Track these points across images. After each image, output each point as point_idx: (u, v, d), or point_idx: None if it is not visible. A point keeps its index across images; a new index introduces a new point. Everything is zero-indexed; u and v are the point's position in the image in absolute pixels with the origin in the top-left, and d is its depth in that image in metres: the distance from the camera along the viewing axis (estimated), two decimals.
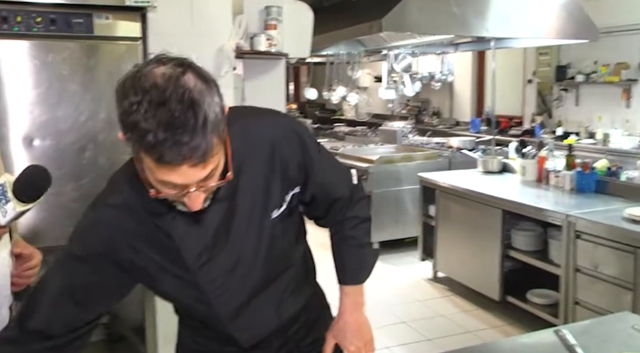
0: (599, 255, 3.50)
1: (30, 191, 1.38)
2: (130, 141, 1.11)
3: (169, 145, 1.07)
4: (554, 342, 1.72)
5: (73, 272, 1.35)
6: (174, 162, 1.09)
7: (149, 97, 1.09)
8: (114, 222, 1.32)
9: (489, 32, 5.16)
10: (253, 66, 3.94)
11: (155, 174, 1.13)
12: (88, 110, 3.14)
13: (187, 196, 1.18)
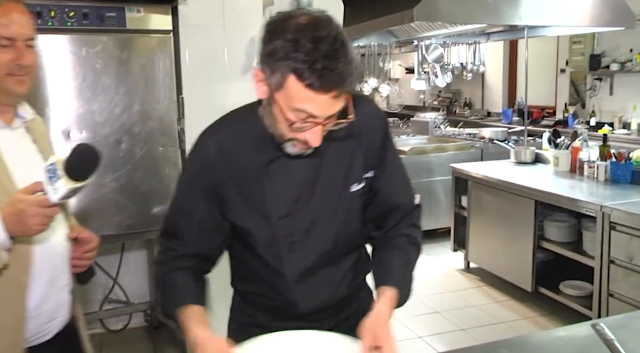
0: (635, 246, 3.44)
1: (80, 168, 1.42)
2: (278, 72, 1.24)
3: (324, 73, 1.20)
4: (591, 335, 1.69)
5: (195, 202, 1.48)
6: (322, 89, 1.22)
7: (307, 33, 1.23)
8: (219, 155, 1.43)
9: (522, 20, 5.08)
10: None
11: (295, 102, 1.25)
12: (122, 102, 3.19)
13: (313, 128, 1.29)
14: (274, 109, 1.31)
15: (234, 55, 3.49)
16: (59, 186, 1.39)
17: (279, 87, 1.26)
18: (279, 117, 1.31)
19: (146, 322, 4.19)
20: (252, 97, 3.89)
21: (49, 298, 1.60)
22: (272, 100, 1.29)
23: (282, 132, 1.34)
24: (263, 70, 1.29)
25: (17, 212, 1.39)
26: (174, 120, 3.31)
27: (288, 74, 1.23)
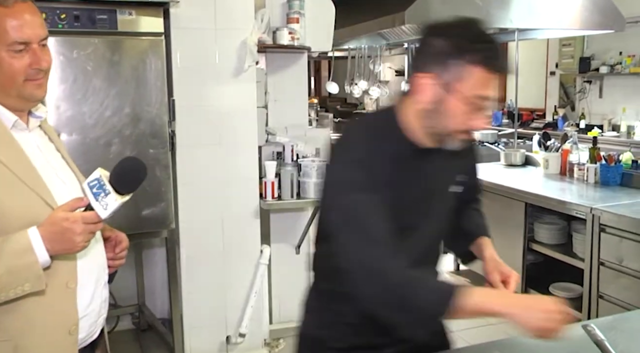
0: (624, 248, 3.47)
1: (128, 183, 1.43)
2: (464, 61, 1.41)
3: (499, 58, 1.44)
4: (582, 336, 1.71)
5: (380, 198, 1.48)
6: (501, 71, 1.45)
7: (472, 29, 1.46)
8: (377, 148, 1.52)
9: (513, 23, 5.11)
10: (275, 60, 3.96)
11: (479, 88, 1.43)
12: (113, 105, 3.19)
13: (482, 113, 1.47)
14: (449, 104, 1.45)
15: (225, 57, 3.49)
16: (110, 201, 1.39)
17: (459, 80, 1.42)
18: (455, 110, 1.45)
19: (134, 324, 4.19)
20: (243, 100, 3.91)
21: (95, 297, 1.59)
22: (444, 96, 1.45)
23: (452, 126, 1.48)
24: (433, 72, 1.44)
25: (61, 231, 1.38)
26: (165, 123, 3.31)
27: (473, 64, 1.41)
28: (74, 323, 1.53)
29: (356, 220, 1.46)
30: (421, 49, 1.50)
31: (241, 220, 3.65)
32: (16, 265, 1.37)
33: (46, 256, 1.40)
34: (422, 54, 1.49)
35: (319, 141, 4.06)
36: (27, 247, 1.38)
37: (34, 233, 1.39)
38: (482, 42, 1.43)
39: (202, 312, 3.64)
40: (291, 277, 4.16)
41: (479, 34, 1.45)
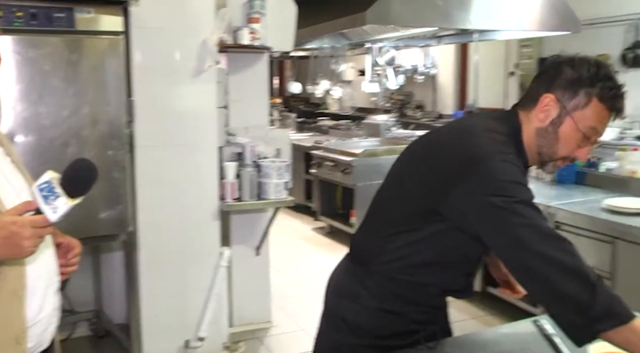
0: (578, 245, 3.47)
1: (80, 185, 1.38)
2: (588, 93, 1.58)
3: (619, 99, 1.59)
4: (533, 332, 1.76)
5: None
6: (617, 111, 1.60)
7: (602, 69, 1.60)
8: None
9: (472, 24, 5.18)
10: (236, 60, 3.94)
11: (595, 121, 1.59)
12: (71, 105, 3.14)
13: (589, 146, 1.62)
14: (564, 127, 1.61)
15: (185, 57, 3.47)
16: (59, 204, 1.35)
17: (581, 109, 1.59)
18: (567, 134, 1.61)
19: (91, 330, 4.12)
20: (203, 100, 3.88)
21: (45, 305, 1.55)
22: (562, 120, 1.60)
23: (557, 151, 1.63)
24: (558, 95, 1.60)
25: (8, 235, 1.32)
26: (123, 123, 3.27)
27: (593, 97, 1.58)
28: (22, 332, 1.48)
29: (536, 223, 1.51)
30: (552, 72, 1.64)
31: (201, 222, 3.63)
32: None
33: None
34: (552, 77, 1.63)
35: (280, 142, 4.06)
36: None
37: None
38: (612, 83, 1.59)
39: (160, 316, 3.59)
40: (251, 279, 4.16)
41: (611, 76, 1.61)
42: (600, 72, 1.60)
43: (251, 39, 3.70)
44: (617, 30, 6.86)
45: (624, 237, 3.30)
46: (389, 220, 1.76)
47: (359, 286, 1.77)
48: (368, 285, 1.76)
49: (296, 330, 4.26)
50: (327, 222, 7.00)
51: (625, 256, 3.30)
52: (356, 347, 1.76)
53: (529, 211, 1.48)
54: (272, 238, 4.25)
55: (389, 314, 1.75)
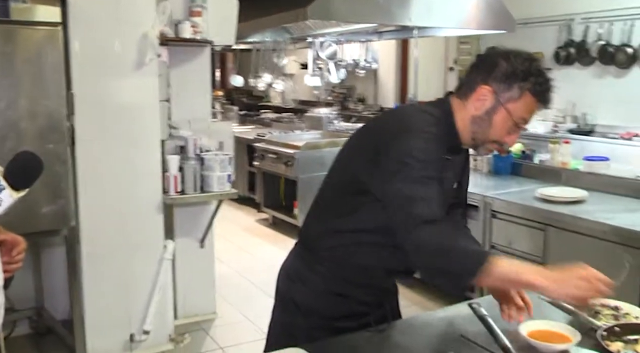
0: (513, 232, 3.70)
1: (24, 177, 1.38)
2: (521, 87, 1.69)
3: (548, 92, 1.72)
4: (469, 314, 1.84)
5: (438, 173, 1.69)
6: (547, 102, 1.75)
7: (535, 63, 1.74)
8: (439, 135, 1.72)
9: (412, 21, 5.28)
10: (178, 53, 3.93)
11: (525, 112, 1.73)
12: (6, 98, 3.08)
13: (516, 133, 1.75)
14: (496, 117, 1.73)
15: (126, 50, 3.44)
16: (4, 197, 1.35)
17: (515, 100, 1.71)
18: (499, 124, 1.73)
19: (32, 329, 4.03)
20: (145, 93, 3.84)
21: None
22: (497, 110, 1.72)
23: (493, 136, 1.76)
24: (494, 87, 1.71)
25: None
26: (63, 117, 3.22)
27: (526, 91, 1.70)
28: None
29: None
30: (489, 64, 1.74)
31: (144, 215, 3.61)
32: None
33: None
34: (489, 69, 1.73)
35: (222, 135, 4.07)
36: None
37: None
38: (543, 78, 1.72)
39: (104, 310, 3.56)
40: (196, 272, 4.17)
41: (542, 70, 1.74)
42: (532, 67, 1.72)
43: (193, 33, 3.70)
44: (550, 30, 7.12)
45: (555, 223, 3.46)
46: (330, 206, 1.86)
47: (309, 270, 1.86)
48: (317, 270, 1.84)
49: (241, 320, 4.29)
50: (270, 214, 7.04)
51: (556, 242, 3.46)
52: (307, 328, 1.84)
53: (427, 185, 1.61)
54: (216, 231, 4.27)
55: (338, 296, 1.84)
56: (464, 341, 1.71)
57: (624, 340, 1.65)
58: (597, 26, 6.50)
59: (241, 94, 11.04)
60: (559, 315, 1.84)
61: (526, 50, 1.78)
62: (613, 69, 6.44)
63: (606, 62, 6.46)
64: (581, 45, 6.71)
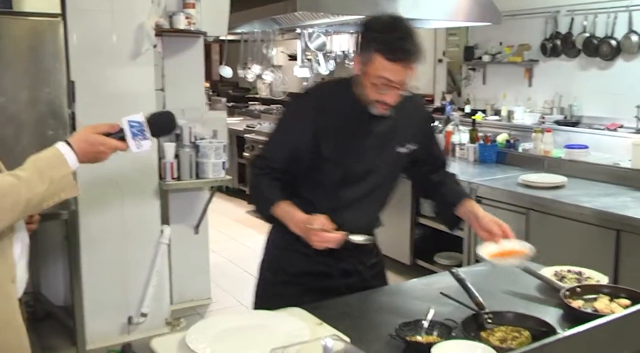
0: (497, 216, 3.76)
1: (159, 131, 1.71)
2: (369, 50, 1.82)
3: (401, 49, 1.80)
4: (449, 279, 2.00)
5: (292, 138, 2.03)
6: (396, 61, 1.80)
7: (387, 25, 1.85)
8: (319, 105, 2.01)
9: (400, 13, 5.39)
10: (172, 44, 4.04)
11: (379, 71, 1.83)
12: (10, 85, 3.17)
13: (389, 92, 1.86)
14: (364, 79, 1.88)
15: (122, 40, 3.54)
16: (145, 144, 1.67)
17: (369, 62, 1.84)
18: (367, 84, 1.88)
19: (28, 314, 4.11)
20: (141, 82, 3.94)
21: (23, 255, 1.69)
22: (363, 72, 1.87)
23: (369, 96, 1.90)
24: (359, 52, 1.89)
25: (96, 152, 1.63)
26: (64, 104, 3.33)
27: (374, 52, 1.82)
28: (14, 273, 1.64)
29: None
30: (360, 32, 1.93)
31: (141, 201, 3.72)
32: (55, 176, 1.55)
33: (76, 165, 1.61)
34: (360, 36, 1.92)
35: (216, 123, 4.18)
36: (62, 160, 1.58)
37: (65, 149, 1.59)
38: (389, 36, 1.82)
39: (103, 294, 3.68)
40: (191, 257, 4.28)
41: (386, 28, 1.84)
42: (376, 29, 1.86)
43: (187, 24, 3.81)
44: (537, 22, 7.27)
45: (536, 208, 3.61)
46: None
47: (273, 231, 2.17)
48: (277, 228, 2.10)
49: (235, 305, 4.41)
50: None
51: (537, 224, 3.61)
52: (275, 283, 2.14)
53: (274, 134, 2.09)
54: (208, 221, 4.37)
55: (294, 253, 2.06)
56: (443, 298, 1.91)
57: (584, 299, 1.86)
58: (582, 18, 6.66)
59: (227, 86, 11.08)
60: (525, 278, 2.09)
61: (392, 13, 1.94)
62: (598, 61, 6.60)
63: (591, 54, 6.62)
64: (567, 37, 6.87)
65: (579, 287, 1.91)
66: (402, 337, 1.61)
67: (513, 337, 1.62)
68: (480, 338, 1.61)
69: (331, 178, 2.03)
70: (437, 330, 1.65)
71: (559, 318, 1.79)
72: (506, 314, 1.73)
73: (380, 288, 2.12)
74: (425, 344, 1.56)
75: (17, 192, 1.48)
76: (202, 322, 1.74)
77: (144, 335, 3.76)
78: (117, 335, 3.74)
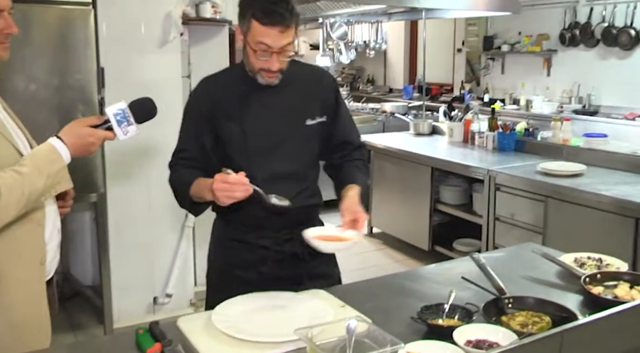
0: (515, 204, 3.90)
1: (144, 117, 1.76)
2: (246, 17, 1.84)
3: (271, 13, 1.81)
4: (470, 264, 2.05)
5: (193, 123, 2.07)
6: (270, 24, 1.81)
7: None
8: (205, 93, 2.05)
9: (420, 3, 5.44)
10: (198, 32, 4.11)
11: (257, 36, 1.84)
12: (43, 71, 3.27)
13: (270, 58, 1.86)
14: (247, 49, 1.90)
15: (150, 28, 3.63)
16: (131, 130, 1.72)
17: (247, 30, 1.86)
18: (250, 53, 1.89)
19: (58, 293, 4.25)
20: (168, 70, 4.03)
21: (53, 238, 1.79)
22: (245, 41, 1.89)
23: (253, 65, 1.91)
24: (239, 22, 1.90)
25: (86, 144, 1.69)
26: (94, 90, 3.43)
27: (250, 19, 1.83)
28: (44, 255, 1.75)
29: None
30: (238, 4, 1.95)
31: (167, 185, 3.78)
32: (52, 170, 1.63)
33: (69, 160, 1.67)
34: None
35: None
36: (57, 155, 1.65)
37: (58, 143, 1.66)
38: (261, 1, 1.83)
39: (129, 274, 3.79)
40: None
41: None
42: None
43: (213, 13, 3.89)
44: (556, 12, 7.28)
45: (555, 195, 3.66)
46: None
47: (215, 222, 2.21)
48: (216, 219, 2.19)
49: None
50: None
51: (555, 212, 3.66)
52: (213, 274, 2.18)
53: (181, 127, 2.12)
54: None
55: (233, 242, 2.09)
56: (463, 283, 1.95)
57: (604, 285, 1.88)
58: (601, 8, 6.67)
59: None
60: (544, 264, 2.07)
61: None
62: (617, 51, 6.61)
63: (610, 44, 6.63)
64: (586, 27, 6.88)
65: (599, 274, 1.93)
66: (424, 320, 1.63)
67: (534, 322, 1.63)
68: (501, 323, 1.63)
69: (238, 157, 2.00)
70: (458, 314, 1.68)
71: (579, 304, 1.81)
72: (527, 299, 1.75)
73: (402, 272, 2.13)
74: (447, 327, 1.59)
75: (20, 187, 1.56)
76: (228, 302, 1.76)
77: (169, 316, 3.87)
78: (143, 315, 3.85)
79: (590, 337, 1.43)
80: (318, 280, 2.05)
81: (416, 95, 8.88)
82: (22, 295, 1.70)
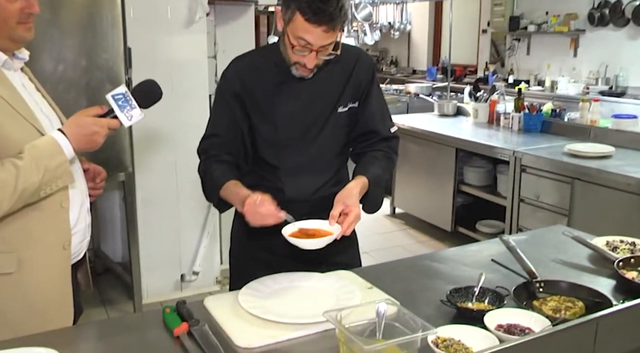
0: (541, 186, 3.88)
1: (147, 99, 1.70)
2: (290, 9, 1.72)
3: (318, 12, 1.67)
4: (499, 246, 2.04)
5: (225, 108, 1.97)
6: (316, 23, 1.68)
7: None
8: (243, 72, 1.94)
9: None
10: (224, 12, 4.12)
11: (298, 31, 1.72)
12: (72, 51, 3.31)
13: (308, 54, 1.76)
14: (285, 38, 1.79)
15: (177, 8, 3.65)
16: (135, 114, 1.65)
17: (289, 21, 1.74)
18: (287, 44, 1.79)
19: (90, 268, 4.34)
20: (194, 50, 4.06)
21: (80, 220, 1.79)
22: (285, 31, 1.78)
23: (289, 57, 1.82)
24: (281, 9, 1.78)
25: (90, 134, 1.61)
26: (121, 70, 3.45)
27: (295, 11, 1.71)
28: (68, 239, 1.73)
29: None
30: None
31: (193, 164, 3.79)
32: (51, 165, 1.58)
33: (72, 153, 1.62)
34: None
35: None
36: (57, 149, 1.59)
37: (60, 137, 1.60)
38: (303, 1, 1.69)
39: (157, 252, 3.86)
40: None
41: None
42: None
43: None
44: None
45: (582, 177, 3.63)
46: None
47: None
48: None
49: None
50: None
51: (582, 194, 3.63)
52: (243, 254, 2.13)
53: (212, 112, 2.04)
54: None
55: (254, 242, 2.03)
56: (492, 265, 1.93)
57: (638, 270, 1.82)
58: None
59: None
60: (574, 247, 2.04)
61: None
62: None
63: None
64: (616, 6, 6.75)
65: (632, 258, 1.86)
66: (453, 303, 1.59)
67: (566, 307, 1.57)
68: (533, 308, 1.59)
69: (267, 146, 1.95)
70: (489, 298, 1.63)
71: (612, 289, 1.75)
72: (559, 283, 1.69)
73: (428, 254, 2.07)
74: (476, 311, 1.55)
75: (14, 181, 1.51)
76: (255, 282, 1.74)
77: (195, 292, 3.94)
78: (171, 291, 3.92)
79: (626, 323, 1.41)
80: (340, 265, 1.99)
81: (440, 77, 8.81)
82: (43, 278, 1.69)
